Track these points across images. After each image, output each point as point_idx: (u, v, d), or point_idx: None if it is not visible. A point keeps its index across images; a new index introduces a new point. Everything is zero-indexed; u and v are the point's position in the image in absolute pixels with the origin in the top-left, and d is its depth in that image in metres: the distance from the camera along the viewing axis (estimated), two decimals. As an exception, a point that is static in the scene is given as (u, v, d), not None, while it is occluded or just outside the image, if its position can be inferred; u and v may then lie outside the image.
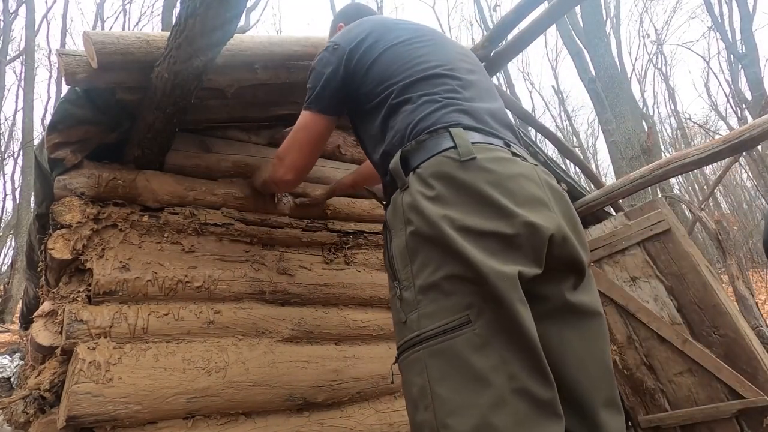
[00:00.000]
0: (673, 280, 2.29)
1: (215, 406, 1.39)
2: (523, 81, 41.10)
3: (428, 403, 0.82)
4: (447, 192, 0.91)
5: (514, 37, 1.99)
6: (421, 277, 0.88)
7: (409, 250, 0.92)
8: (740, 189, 17.62)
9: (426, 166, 0.95)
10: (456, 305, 0.84)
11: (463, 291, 0.84)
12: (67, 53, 1.26)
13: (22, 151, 12.08)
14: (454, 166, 0.93)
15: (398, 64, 1.12)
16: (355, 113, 1.24)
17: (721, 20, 12.50)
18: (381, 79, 1.13)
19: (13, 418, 1.28)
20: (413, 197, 0.93)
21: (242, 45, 1.43)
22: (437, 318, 0.85)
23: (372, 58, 1.15)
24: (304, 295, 1.74)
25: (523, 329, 0.81)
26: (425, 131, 0.99)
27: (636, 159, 7.12)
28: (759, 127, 1.94)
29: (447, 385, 0.81)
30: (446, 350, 0.82)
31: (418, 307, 0.88)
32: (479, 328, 0.82)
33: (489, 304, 0.82)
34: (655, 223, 2.36)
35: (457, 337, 0.82)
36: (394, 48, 1.15)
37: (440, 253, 0.87)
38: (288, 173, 1.37)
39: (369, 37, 1.19)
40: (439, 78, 1.09)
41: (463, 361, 0.80)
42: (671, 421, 2.21)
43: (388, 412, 1.71)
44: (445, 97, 1.05)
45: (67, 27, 15.72)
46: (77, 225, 1.42)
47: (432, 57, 1.14)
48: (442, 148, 0.95)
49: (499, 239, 0.87)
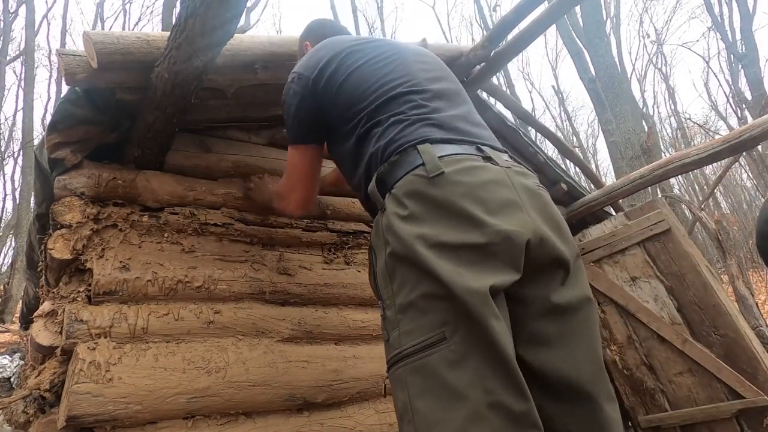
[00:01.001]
0: (673, 280, 2.29)
1: (215, 406, 1.39)
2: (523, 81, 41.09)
3: (410, 417, 0.84)
4: (419, 210, 0.92)
5: (514, 37, 1.99)
6: (400, 296, 0.90)
7: (389, 271, 0.94)
8: (740, 189, 17.62)
9: (399, 186, 0.96)
10: (432, 323, 0.85)
11: (438, 308, 0.85)
12: (67, 53, 1.26)
13: (22, 151, 12.08)
14: (423, 183, 0.93)
15: (363, 88, 1.12)
16: (329, 137, 1.24)
17: (721, 20, 12.50)
18: (349, 104, 1.13)
19: (13, 418, 1.28)
20: (389, 218, 0.95)
21: (242, 45, 1.43)
22: (415, 335, 0.86)
23: (337, 84, 1.15)
24: (304, 295, 1.74)
25: (495, 344, 0.82)
26: (396, 152, 1.00)
27: (636, 159, 7.12)
28: (759, 127, 1.94)
29: (425, 401, 0.82)
30: (423, 367, 0.84)
31: (398, 325, 0.90)
32: (454, 345, 0.83)
33: (462, 321, 0.84)
34: (655, 223, 2.36)
35: (432, 354, 0.84)
36: (357, 71, 1.15)
37: (415, 272, 0.88)
38: (297, 209, 1.42)
39: (331, 62, 1.18)
40: (403, 96, 1.09)
41: (439, 377, 0.82)
42: (671, 421, 2.21)
43: (388, 412, 1.71)
44: (412, 115, 1.05)
45: (67, 27, 15.72)
46: (77, 225, 1.42)
47: (394, 75, 1.13)
48: (413, 167, 0.96)
49: (473, 251, 0.88)
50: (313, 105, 1.19)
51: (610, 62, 8.56)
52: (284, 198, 1.42)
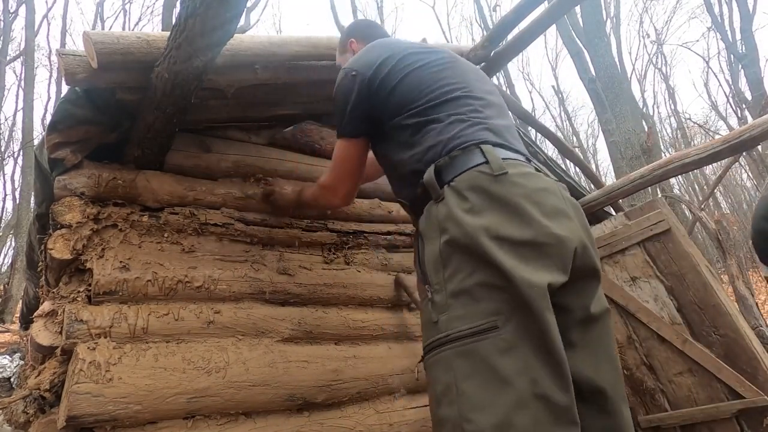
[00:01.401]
0: (673, 280, 2.29)
1: (215, 406, 1.39)
2: (523, 81, 41.06)
3: (452, 398, 0.87)
4: (481, 203, 0.98)
5: (514, 37, 1.99)
6: (453, 283, 0.94)
7: (443, 257, 0.98)
8: (740, 189, 17.62)
9: (460, 179, 1.02)
10: (485, 310, 0.90)
11: (493, 298, 0.90)
12: (67, 53, 1.26)
13: (22, 151, 12.08)
14: (487, 180, 1.00)
15: (422, 87, 1.19)
16: (376, 132, 1.30)
17: (721, 20, 12.50)
18: (405, 101, 1.18)
19: (13, 418, 1.28)
20: (449, 208, 1.00)
21: (242, 45, 1.43)
22: (466, 321, 0.90)
23: (394, 82, 1.21)
24: (304, 295, 1.74)
25: (549, 337, 0.87)
26: (457, 148, 1.07)
27: (636, 159, 7.12)
28: (759, 127, 1.94)
29: (472, 383, 0.86)
30: (473, 351, 0.88)
31: (448, 310, 0.93)
32: (506, 333, 0.87)
33: (517, 312, 0.88)
34: (655, 223, 2.36)
35: (484, 340, 0.88)
36: (415, 72, 1.21)
37: (473, 261, 0.93)
38: (344, 202, 1.46)
39: (387, 61, 1.24)
40: (461, 99, 1.17)
41: (489, 363, 0.86)
42: (671, 421, 2.21)
43: (388, 412, 1.71)
44: (471, 117, 1.13)
45: (67, 27, 15.72)
46: (77, 225, 1.42)
47: (452, 80, 1.21)
48: (475, 164, 1.03)
49: (531, 248, 0.93)
50: (368, 101, 1.24)
51: (610, 62, 8.56)
52: (333, 190, 1.43)
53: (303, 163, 1.96)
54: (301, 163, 1.96)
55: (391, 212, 2.14)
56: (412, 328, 1.98)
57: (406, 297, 1.99)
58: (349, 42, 1.54)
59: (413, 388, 1.84)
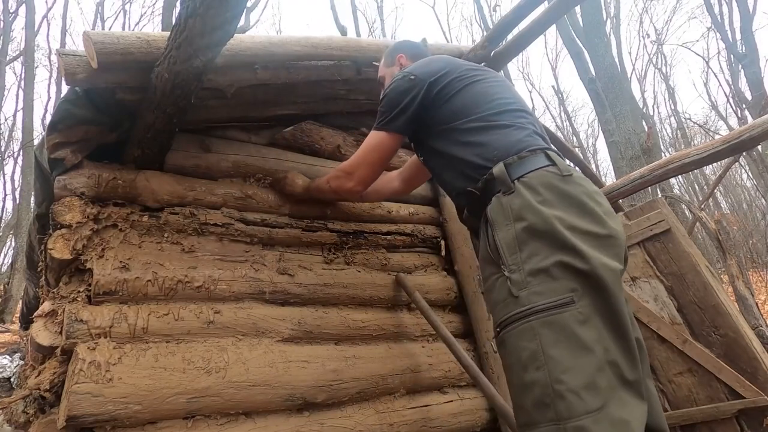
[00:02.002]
0: (673, 280, 2.29)
1: (215, 406, 1.39)
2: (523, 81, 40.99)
3: (540, 363, 0.97)
4: (552, 198, 1.12)
5: (514, 37, 1.99)
6: (530, 263, 1.06)
7: (519, 241, 1.10)
8: (740, 189, 17.61)
9: (532, 176, 1.17)
10: (562, 287, 1.02)
11: (569, 277, 1.02)
12: (67, 53, 1.26)
13: (22, 151, 12.07)
14: (557, 179, 1.16)
15: (481, 97, 1.36)
16: (425, 133, 1.44)
17: (721, 20, 12.50)
18: (467, 107, 1.35)
19: (13, 418, 1.28)
20: (525, 199, 1.13)
21: (242, 45, 1.43)
22: (546, 296, 1.02)
23: (454, 91, 1.37)
24: (304, 295, 1.74)
25: (620, 315, 1.01)
26: (526, 149, 1.22)
27: (636, 159, 7.12)
28: (759, 127, 1.94)
29: (558, 349, 0.97)
30: (556, 321, 0.99)
31: (527, 286, 1.05)
32: (581, 308, 1.00)
33: (591, 290, 1.01)
34: (655, 223, 2.36)
35: (564, 312, 0.99)
36: (476, 84, 1.39)
37: (550, 244, 1.06)
38: (358, 186, 1.58)
39: (448, 73, 1.41)
40: (517, 111, 1.34)
41: (571, 332, 0.98)
42: (671, 421, 2.21)
43: (388, 412, 1.71)
44: (528, 126, 1.31)
45: (67, 27, 15.71)
46: (77, 225, 1.42)
47: (505, 95, 1.38)
48: (543, 165, 1.19)
49: (598, 238, 1.07)
50: (422, 104, 1.40)
51: (610, 62, 8.56)
52: (351, 174, 1.56)
53: (302, 163, 1.96)
54: (300, 163, 1.96)
55: (391, 212, 2.15)
56: (412, 328, 1.98)
57: (406, 297, 1.99)
58: (398, 57, 1.70)
59: (413, 388, 1.84)
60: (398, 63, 1.70)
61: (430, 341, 2.00)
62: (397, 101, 1.43)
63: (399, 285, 1.99)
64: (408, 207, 2.22)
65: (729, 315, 2.13)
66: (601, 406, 0.92)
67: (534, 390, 0.97)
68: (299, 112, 1.98)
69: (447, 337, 1.78)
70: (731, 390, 2.07)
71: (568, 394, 0.93)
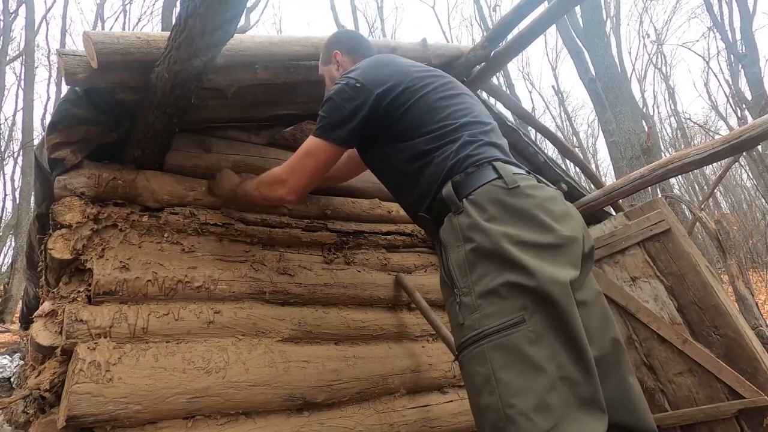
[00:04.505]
0: (673, 280, 2.29)
1: (215, 406, 1.39)
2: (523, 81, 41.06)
3: (492, 388, 0.96)
4: (499, 214, 1.09)
5: (514, 37, 1.99)
6: (480, 285, 1.04)
7: (468, 263, 1.08)
8: (740, 189, 17.61)
9: (478, 193, 1.13)
10: (512, 307, 1.00)
11: (518, 295, 1.00)
12: (67, 53, 1.26)
13: (22, 151, 12.07)
14: (502, 192, 1.11)
15: (430, 113, 1.28)
16: (370, 147, 1.37)
17: (721, 20, 12.50)
18: (411, 126, 1.27)
19: (13, 418, 1.28)
20: (472, 219, 1.10)
21: (242, 45, 1.43)
22: (496, 317, 1.00)
23: (406, 105, 1.28)
24: (304, 295, 1.74)
25: (573, 328, 0.97)
26: (472, 165, 1.17)
27: (636, 159, 7.12)
28: (759, 127, 1.94)
29: (509, 373, 0.95)
30: (506, 344, 0.97)
31: (478, 309, 1.03)
32: (532, 326, 0.97)
33: (542, 306, 0.98)
34: (655, 223, 2.35)
35: (514, 333, 0.97)
36: (427, 96, 1.30)
37: (498, 264, 1.03)
38: (290, 194, 1.42)
39: (399, 84, 1.30)
40: (472, 124, 1.27)
41: (522, 353, 0.96)
42: (671, 421, 2.21)
43: (388, 412, 1.71)
44: (480, 138, 1.24)
45: (67, 27, 15.70)
46: (77, 225, 1.42)
47: (460, 105, 1.31)
48: (490, 179, 1.14)
49: (549, 250, 1.04)
50: (369, 116, 1.29)
51: (610, 62, 8.56)
52: (283, 182, 1.41)
53: (303, 163, 1.96)
54: (301, 163, 1.95)
55: (391, 212, 2.15)
56: (412, 328, 1.98)
57: (406, 297, 1.99)
58: (334, 54, 1.56)
59: (413, 388, 1.84)
60: (334, 60, 1.56)
61: (430, 341, 2.00)
62: (339, 108, 1.31)
63: (399, 285, 2.00)
64: (408, 207, 2.22)
65: (729, 315, 2.13)
66: (553, 426, 0.90)
67: (489, 414, 0.96)
68: (299, 112, 1.98)
69: (447, 337, 1.78)
70: (731, 390, 2.07)
71: (519, 417, 0.91)
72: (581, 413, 0.93)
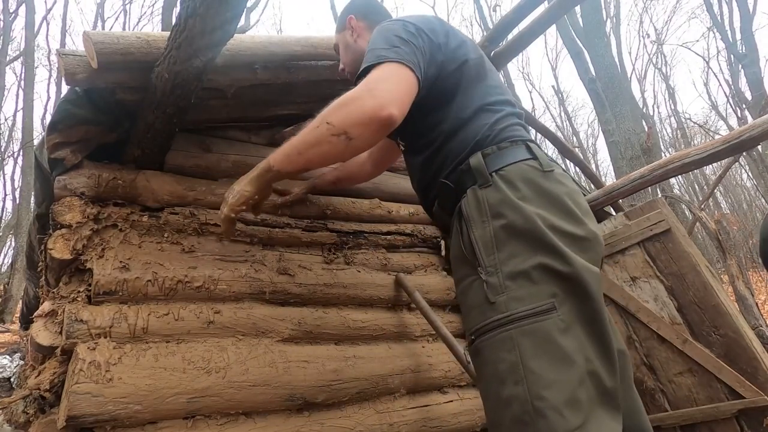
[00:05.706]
0: (673, 280, 2.29)
1: (215, 406, 1.39)
2: (523, 81, 41.09)
3: (519, 377, 0.89)
4: (532, 195, 1.03)
5: (514, 37, 1.99)
6: (509, 265, 0.97)
7: (497, 240, 1.01)
8: (740, 189, 17.62)
9: (510, 169, 1.07)
10: (543, 292, 0.94)
11: (550, 280, 0.94)
12: (67, 53, 1.26)
13: (22, 151, 12.07)
14: (537, 174, 1.06)
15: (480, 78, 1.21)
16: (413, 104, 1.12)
17: (721, 20, 12.50)
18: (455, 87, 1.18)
19: (13, 418, 1.28)
20: (503, 194, 1.03)
21: (242, 45, 1.43)
22: (526, 302, 0.93)
23: (458, 62, 1.19)
24: (304, 295, 1.74)
25: (602, 320, 0.94)
26: (506, 140, 1.11)
27: (636, 159, 7.12)
28: (759, 127, 1.94)
29: (539, 362, 0.89)
30: (537, 330, 0.91)
31: (506, 291, 0.96)
32: (563, 315, 0.92)
33: (573, 296, 0.94)
34: (655, 223, 2.36)
35: (546, 320, 0.91)
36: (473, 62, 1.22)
37: (531, 245, 0.97)
38: (389, 106, 1.01)
39: (447, 43, 1.21)
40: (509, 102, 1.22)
41: (553, 342, 0.90)
42: (671, 421, 2.21)
43: (388, 412, 1.71)
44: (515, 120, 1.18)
45: (67, 27, 15.71)
46: (77, 225, 1.42)
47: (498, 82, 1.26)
48: (524, 158, 1.08)
49: (577, 241, 1.00)
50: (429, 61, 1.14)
51: (610, 62, 8.56)
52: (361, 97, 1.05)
53: (303, 163, 1.96)
54: (301, 163, 1.95)
55: (391, 212, 2.14)
56: (412, 328, 1.98)
57: (406, 297, 1.99)
58: (348, 18, 1.43)
59: (413, 388, 1.84)
60: (349, 26, 1.43)
61: (430, 341, 2.00)
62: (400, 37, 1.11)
63: (399, 285, 1.99)
64: (408, 207, 2.22)
65: (729, 315, 2.13)
66: (582, 423, 0.84)
67: (512, 406, 0.89)
68: (299, 112, 1.98)
69: (447, 337, 1.78)
70: (731, 390, 2.07)
71: (550, 411, 0.84)
72: (602, 411, 0.88)
